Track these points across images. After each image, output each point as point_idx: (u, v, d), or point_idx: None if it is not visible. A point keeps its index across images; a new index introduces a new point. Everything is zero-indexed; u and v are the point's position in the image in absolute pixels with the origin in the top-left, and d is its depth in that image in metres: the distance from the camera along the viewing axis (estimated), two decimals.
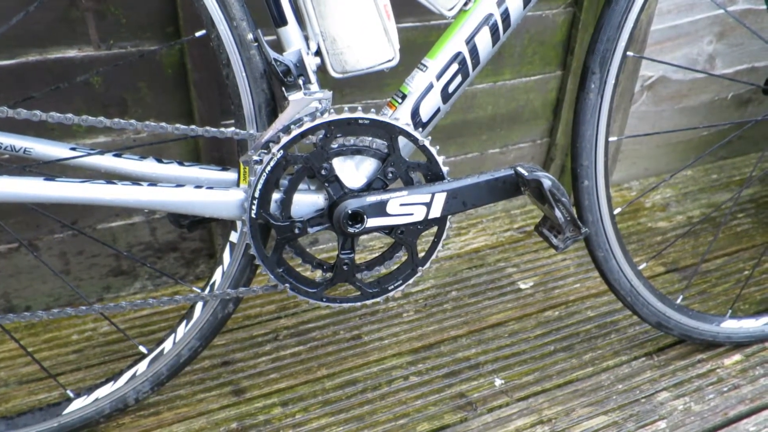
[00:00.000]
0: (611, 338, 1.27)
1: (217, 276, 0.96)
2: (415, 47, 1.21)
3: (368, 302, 0.96)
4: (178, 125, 0.81)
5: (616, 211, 1.05)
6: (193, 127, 0.81)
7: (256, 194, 0.84)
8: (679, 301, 1.18)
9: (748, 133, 1.85)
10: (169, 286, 1.35)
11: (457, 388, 1.15)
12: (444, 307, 1.33)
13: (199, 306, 0.97)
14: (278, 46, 0.84)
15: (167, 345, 0.98)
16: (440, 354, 1.22)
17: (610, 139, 1.00)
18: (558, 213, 0.78)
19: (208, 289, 0.96)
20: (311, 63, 0.84)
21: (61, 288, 1.26)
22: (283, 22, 0.81)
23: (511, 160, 1.62)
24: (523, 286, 1.40)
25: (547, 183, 0.77)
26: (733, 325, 1.22)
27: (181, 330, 0.97)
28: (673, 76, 1.66)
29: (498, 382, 1.16)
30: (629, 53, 0.96)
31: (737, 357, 1.23)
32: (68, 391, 1.00)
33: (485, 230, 1.56)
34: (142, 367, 0.99)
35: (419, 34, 1.29)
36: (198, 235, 1.33)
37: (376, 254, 0.96)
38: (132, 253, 1.29)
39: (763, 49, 1.69)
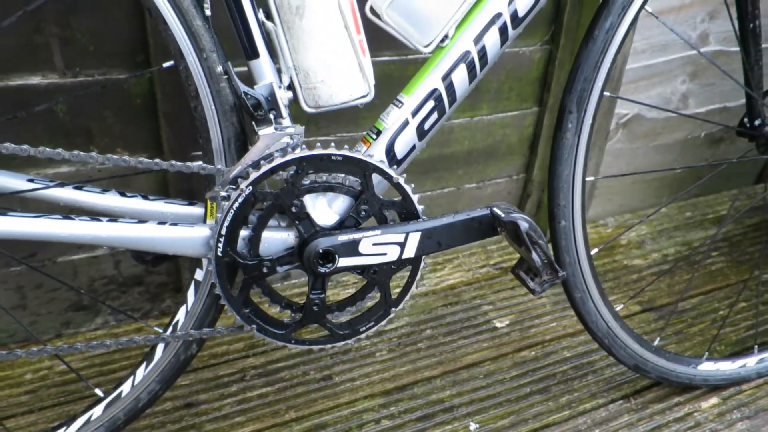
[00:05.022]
0: (588, 380, 1.24)
1: (181, 315, 0.91)
2: (392, 81, 1.19)
3: (338, 344, 0.93)
4: (141, 159, 0.78)
5: (594, 251, 1.04)
6: (157, 160, 0.78)
7: (223, 231, 0.81)
8: (656, 342, 1.16)
9: (721, 171, 1.86)
10: (132, 323, 1.29)
11: None
12: (418, 346, 1.29)
13: (160, 347, 0.92)
14: (249, 79, 0.81)
15: (125, 388, 0.93)
16: (413, 396, 1.18)
17: (587, 178, 0.99)
18: (535, 256, 0.75)
19: (170, 329, 0.91)
20: (283, 97, 0.81)
21: (16, 324, 1.20)
22: (255, 54, 0.79)
23: (488, 195, 1.60)
24: (498, 325, 1.37)
25: (524, 225, 0.75)
26: (710, 368, 1.20)
27: (141, 372, 0.92)
28: (648, 115, 1.67)
29: (473, 426, 1.12)
30: (606, 93, 0.95)
31: (714, 400, 1.21)
32: None
33: (461, 266, 1.53)
34: (97, 411, 0.93)
35: (396, 68, 1.27)
36: (164, 268, 1.28)
37: (351, 290, 0.93)
38: (94, 288, 1.23)
39: (734, 90, 1.71)
